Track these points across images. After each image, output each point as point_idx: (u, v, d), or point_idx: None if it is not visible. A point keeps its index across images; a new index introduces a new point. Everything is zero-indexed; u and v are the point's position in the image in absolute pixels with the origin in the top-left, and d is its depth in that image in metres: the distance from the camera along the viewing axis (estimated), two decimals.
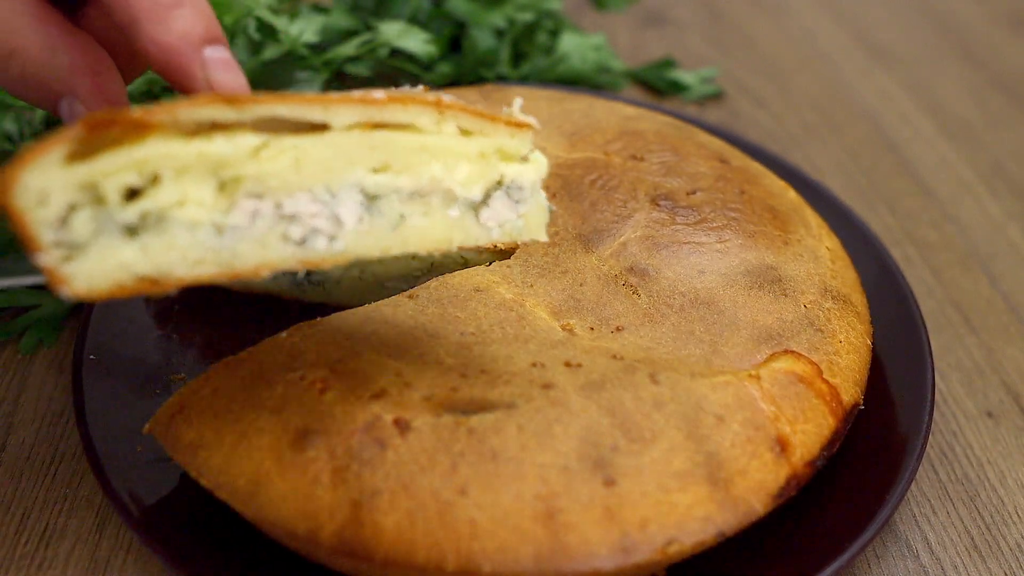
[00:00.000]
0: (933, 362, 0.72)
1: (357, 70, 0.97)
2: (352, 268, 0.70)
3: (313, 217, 0.49)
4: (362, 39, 0.98)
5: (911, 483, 0.64)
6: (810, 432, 0.63)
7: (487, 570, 0.55)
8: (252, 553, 0.61)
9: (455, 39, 1.03)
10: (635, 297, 0.67)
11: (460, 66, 0.99)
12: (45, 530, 0.65)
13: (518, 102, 0.57)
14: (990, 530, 0.68)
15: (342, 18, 1.02)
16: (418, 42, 0.98)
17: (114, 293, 0.46)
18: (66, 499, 0.66)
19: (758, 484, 0.60)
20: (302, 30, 0.96)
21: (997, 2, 1.25)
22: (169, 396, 0.62)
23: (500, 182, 0.55)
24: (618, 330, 0.65)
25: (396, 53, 1.00)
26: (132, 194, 0.46)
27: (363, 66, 0.97)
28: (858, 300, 0.72)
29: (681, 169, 0.77)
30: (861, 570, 0.66)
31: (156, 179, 0.46)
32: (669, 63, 1.07)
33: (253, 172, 0.48)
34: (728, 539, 0.60)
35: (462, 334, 0.64)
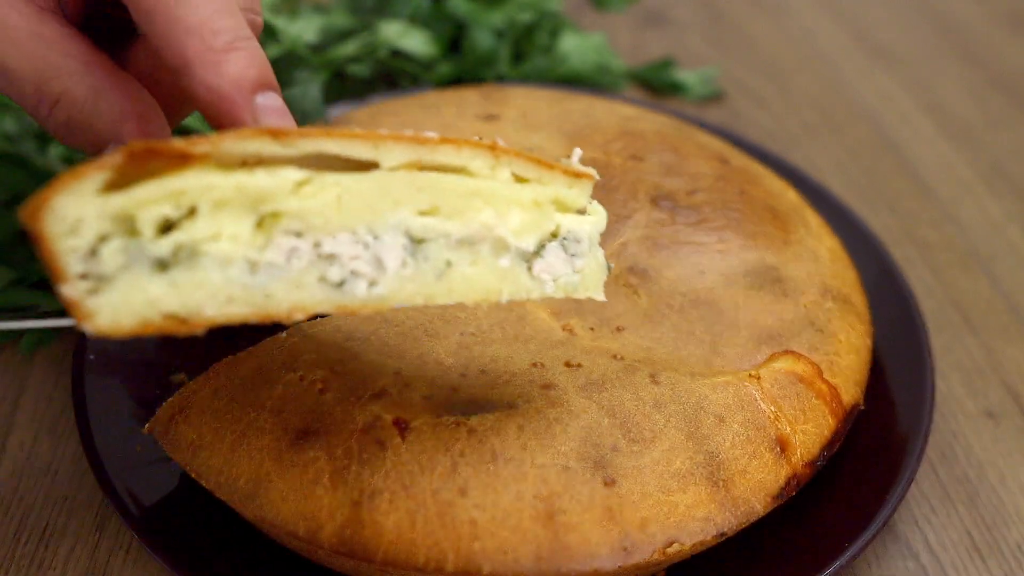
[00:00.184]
0: (933, 362, 0.72)
1: (357, 70, 0.97)
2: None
3: (354, 259, 0.46)
4: (362, 39, 0.98)
5: (911, 483, 0.64)
6: (810, 432, 0.63)
7: (487, 570, 0.55)
8: (252, 553, 0.61)
9: (455, 39, 1.03)
10: (635, 297, 0.67)
11: (460, 66, 0.99)
12: (45, 530, 0.65)
13: (577, 152, 0.53)
14: (990, 530, 0.68)
15: (342, 18, 1.02)
16: (418, 42, 0.98)
17: (139, 330, 0.43)
18: (66, 499, 0.66)
19: (758, 484, 0.60)
20: (302, 30, 0.96)
21: (997, 2, 1.25)
22: (169, 396, 0.62)
23: (555, 233, 0.52)
24: (618, 330, 0.65)
25: (396, 53, 1.00)
26: (165, 228, 0.44)
27: (363, 66, 0.97)
28: (858, 300, 0.72)
29: (681, 169, 0.77)
30: (861, 570, 0.66)
31: (192, 212, 0.44)
32: (669, 63, 1.07)
33: (294, 208, 0.45)
34: (728, 539, 0.60)
35: (462, 334, 0.64)
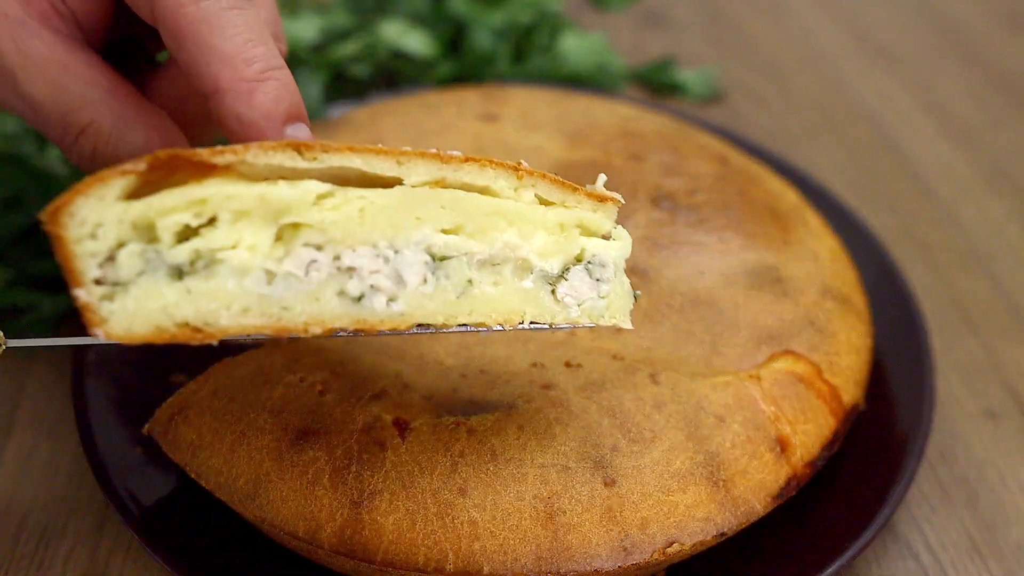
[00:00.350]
0: (933, 362, 0.72)
1: (357, 70, 0.97)
2: None
3: (373, 273, 0.46)
4: (362, 39, 0.98)
5: (911, 483, 0.64)
6: (810, 432, 0.63)
7: (487, 570, 0.55)
8: (252, 553, 0.61)
9: (455, 39, 1.03)
10: None
11: (460, 66, 0.99)
12: (45, 530, 0.65)
13: (602, 178, 0.53)
14: (990, 530, 0.68)
15: (342, 18, 1.02)
16: (418, 42, 0.98)
17: (152, 339, 0.43)
18: (66, 499, 0.66)
19: (758, 484, 0.60)
20: (302, 30, 0.96)
21: (997, 2, 1.25)
22: (169, 396, 0.62)
23: (580, 257, 0.51)
24: (618, 330, 0.65)
25: (396, 53, 1.00)
26: (184, 237, 0.44)
27: (363, 66, 0.97)
28: (858, 300, 0.72)
29: (681, 169, 0.76)
30: (861, 570, 0.66)
31: (212, 221, 0.44)
32: (669, 63, 1.07)
33: (315, 220, 0.45)
34: (728, 539, 0.60)
35: (462, 335, 0.64)
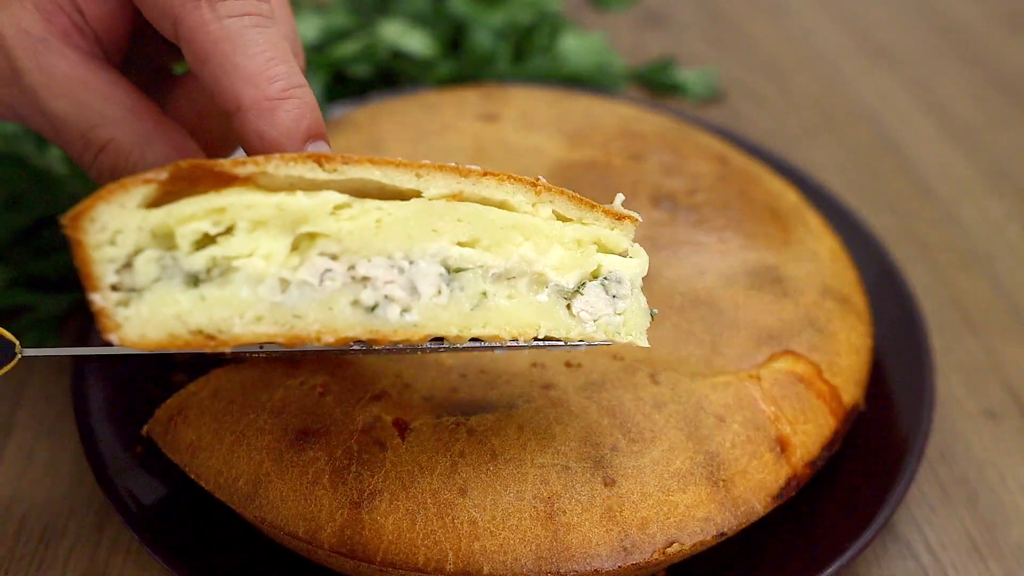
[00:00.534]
0: (933, 362, 0.72)
1: (357, 70, 0.97)
2: None
3: (388, 284, 0.46)
4: (362, 39, 0.98)
5: (911, 483, 0.64)
6: (810, 432, 0.63)
7: (487, 570, 0.55)
8: (252, 553, 0.61)
9: (455, 39, 1.03)
10: None
11: (460, 66, 0.99)
12: (45, 530, 0.65)
13: (620, 197, 0.53)
14: (990, 530, 0.68)
15: (342, 18, 1.02)
16: (418, 42, 0.98)
17: (165, 345, 0.44)
18: (66, 499, 0.66)
19: (758, 484, 0.60)
20: (302, 30, 0.96)
21: (997, 2, 1.24)
22: (169, 397, 0.62)
23: (596, 274, 0.51)
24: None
25: (396, 53, 1.00)
26: (201, 245, 0.45)
27: (363, 66, 0.97)
28: (858, 300, 0.72)
29: (681, 169, 0.76)
30: (861, 570, 0.66)
31: (230, 229, 0.45)
32: (669, 63, 1.07)
33: (332, 230, 0.45)
34: (728, 539, 0.60)
35: None
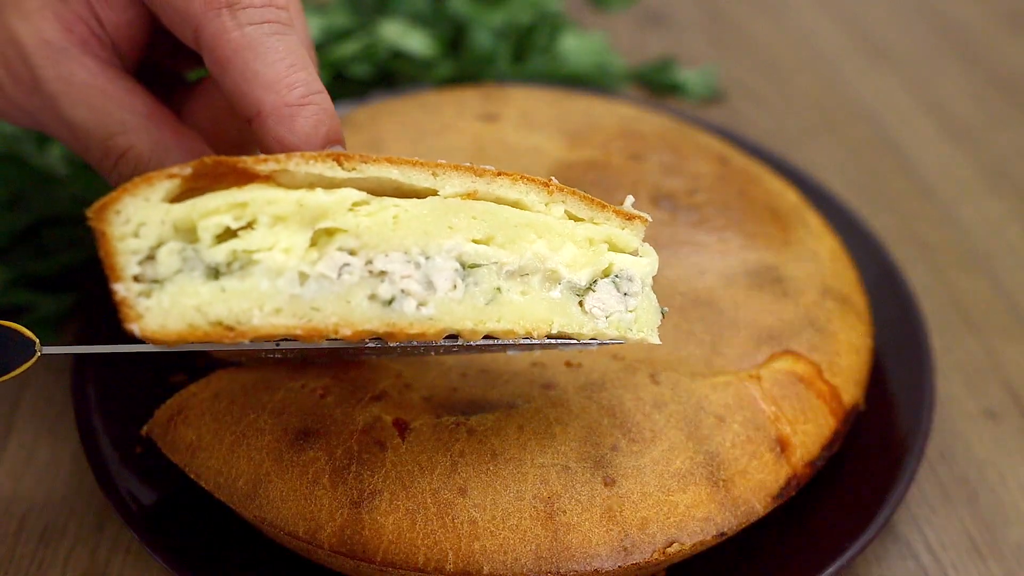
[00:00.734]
0: (933, 362, 0.72)
1: (357, 70, 0.97)
2: None
3: (404, 278, 0.47)
4: (362, 39, 0.98)
5: (911, 483, 0.64)
6: (810, 432, 0.63)
7: (487, 570, 0.55)
8: (252, 553, 0.61)
9: (455, 39, 1.03)
10: None
11: (460, 66, 0.99)
12: (45, 530, 0.65)
13: (630, 199, 0.54)
14: (990, 530, 0.68)
15: (342, 18, 1.02)
16: (418, 42, 0.98)
17: (185, 336, 0.45)
18: (66, 499, 0.66)
19: (758, 484, 0.60)
20: None
21: (997, 2, 1.24)
22: (169, 397, 0.62)
23: (607, 272, 0.52)
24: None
25: (396, 53, 1.00)
26: (222, 239, 0.46)
27: (363, 66, 0.97)
28: (858, 300, 0.72)
29: (681, 169, 0.77)
30: (861, 570, 0.66)
31: (251, 224, 0.46)
32: (669, 63, 1.07)
33: (350, 225, 0.47)
34: (728, 539, 0.60)
35: None
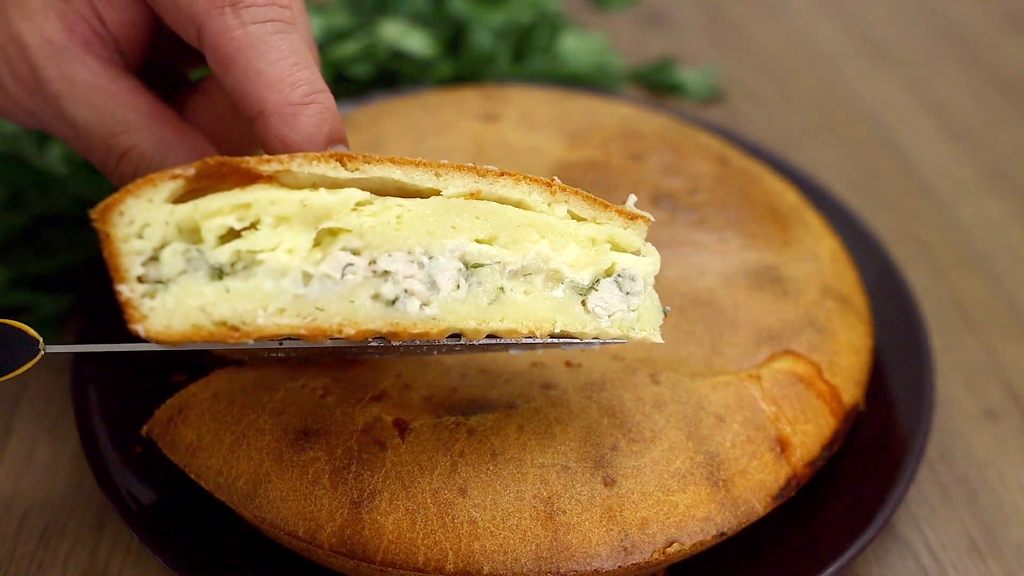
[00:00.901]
0: (933, 362, 0.72)
1: (357, 70, 0.97)
2: None
3: (408, 278, 0.48)
4: (362, 39, 0.97)
5: (911, 483, 0.64)
6: (810, 432, 0.63)
7: (487, 570, 0.55)
8: (252, 553, 0.61)
9: (455, 39, 1.03)
10: None
11: (460, 66, 0.99)
12: (45, 530, 0.65)
13: (632, 199, 0.54)
14: (990, 530, 0.68)
15: (342, 18, 1.02)
16: (418, 42, 0.98)
17: (189, 337, 0.45)
18: (66, 499, 0.66)
19: (758, 484, 0.60)
20: None
21: (997, 2, 1.24)
22: (169, 396, 0.62)
23: (610, 272, 0.53)
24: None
25: (396, 53, 1.00)
26: (225, 239, 0.46)
27: (363, 66, 0.97)
28: (858, 300, 0.72)
29: (681, 169, 0.76)
30: (861, 570, 0.66)
31: (255, 224, 0.46)
32: (669, 63, 1.07)
33: (354, 225, 0.47)
34: (728, 539, 0.60)
35: None
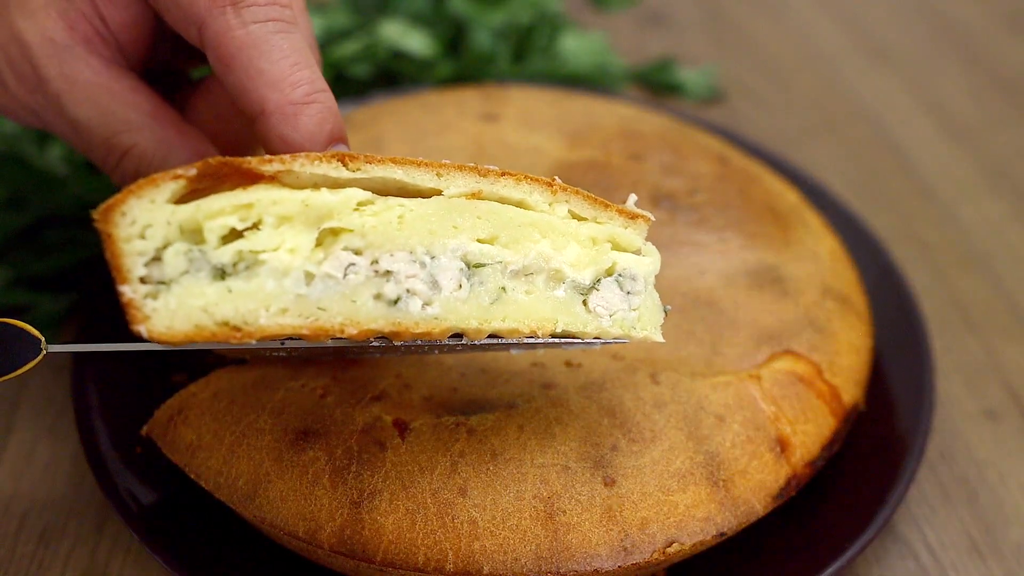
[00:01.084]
0: (933, 362, 0.72)
1: (357, 70, 0.97)
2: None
3: (410, 278, 0.48)
4: (362, 39, 0.97)
5: (911, 483, 0.64)
6: (810, 432, 0.63)
7: (487, 570, 0.55)
8: (252, 553, 0.61)
9: (455, 39, 1.03)
10: None
11: (460, 66, 0.99)
12: (45, 530, 0.65)
13: (632, 198, 0.55)
14: (990, 530, 0.68)
15: (342, 18, 1.02)
16: (418, 42, 0.98)
17: (192, 337, 0.45)
18: (66, 499, 0.66)
19: (758, 484, 0.60)
20: None
21: (997, 2, 1.24)
22: (169, 396, 0.62)
23: (611, 271, 0.53)
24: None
25: (396, 53, 1.00)
26: (227, 240, 0.46)
27: (363, 66, 0.97)
28: (858, 300, 0.72)
29: (681, 169, 0.76)
30: (861, 570, 0.66)
31: (257, 225, 0.46)
32: (669, 63, 1.07)
33: (356, 224, 0.47)
34: (728, 539, 0.60)
35: None
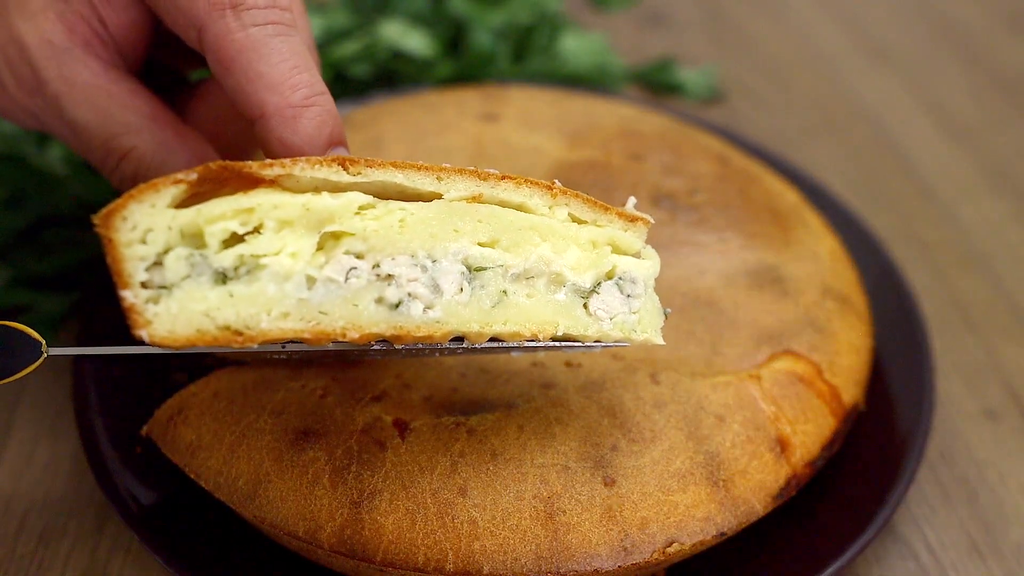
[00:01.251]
0: (933, 362, 0.72)
1: (357, 70, 0.97)
2: None
3: (411, 282, 0.48)
4: (362, 39, 0.97)
5: (911, 483, 0.64)
6: (810, 432, 0.63)
7: (487, 570, 0.55)
8: (252, 553, 0.61)
9: (455, 39, 1.03)
10: None
11: (460, 66, 0.99)
12: (45, 530, 0.65)
13: (632, 200, 0.55)
14: (990, 530, 0.68)
15: (342, 18, 1.02)
16: (418, 42, 0.98)
17: (193, 341, 0.45)
18: (66, 499, 0.66)
19: (758, 484, 0.60)
20: None
21: (997, 2, 1.24)
22: (169, 396, 0.62)
23: (611, 274, 0.53)
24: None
25: (396, 53, 1.00)
26: (228, 244, 0.46)
27: (363, 66, 0.97)
28: (858, 300, 0.72)
29: (681, 169, 0.76)
30: (861, 570, 0.65)
31: (258, 229, 0.46)
32: (669, 63, 1.07)
33: (357, 228, 0.47)
34: (728, 539, 0.60)
35: None
